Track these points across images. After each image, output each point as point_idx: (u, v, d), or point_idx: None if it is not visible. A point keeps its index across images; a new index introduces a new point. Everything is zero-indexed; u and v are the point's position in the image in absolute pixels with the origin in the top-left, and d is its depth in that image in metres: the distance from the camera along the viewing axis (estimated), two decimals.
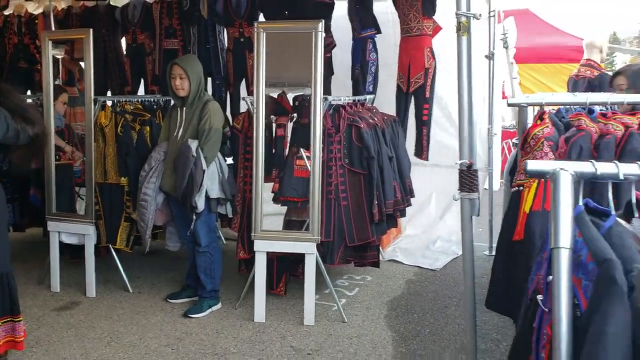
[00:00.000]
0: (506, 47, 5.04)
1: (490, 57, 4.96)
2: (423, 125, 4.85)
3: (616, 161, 1.06)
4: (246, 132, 4.08)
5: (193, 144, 3.82)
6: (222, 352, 3.46)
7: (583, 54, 5.09)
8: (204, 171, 3.80)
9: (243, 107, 4.69)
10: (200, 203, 3.80)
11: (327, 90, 5.00)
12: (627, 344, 0.85)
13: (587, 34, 5.33)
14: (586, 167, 1.06)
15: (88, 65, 4.24)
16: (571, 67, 6.86)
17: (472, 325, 2.57)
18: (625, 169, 1.05)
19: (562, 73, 8.08)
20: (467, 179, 2.60)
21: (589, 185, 1.76)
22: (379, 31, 4.95)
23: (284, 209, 4.24)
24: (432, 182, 5.57)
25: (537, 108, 2.53)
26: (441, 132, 5.34)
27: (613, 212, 1.08)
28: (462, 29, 2.54)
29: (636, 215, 1.07)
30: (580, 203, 1.09)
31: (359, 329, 3.84)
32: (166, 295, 4.36)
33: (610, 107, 2.31)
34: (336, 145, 3.99)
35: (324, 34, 3.84)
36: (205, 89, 5.25)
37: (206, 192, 3.84)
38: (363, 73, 4.88)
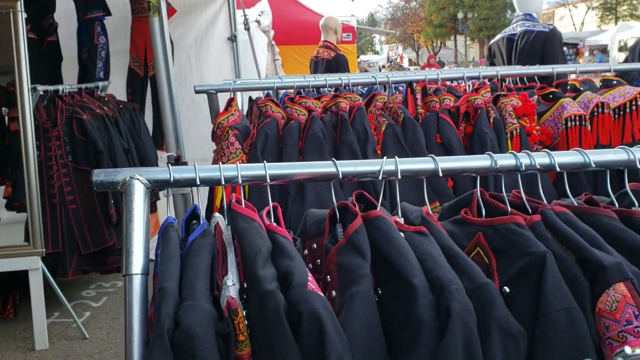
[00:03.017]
0: (247, 29, 4.96)
1: (232, 39, 4.84)
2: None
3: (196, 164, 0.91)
4: None
5: None
6: None
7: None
8: None
9: None
10: None
11: (58, 78, 4.45)
12: None
13: (325, 16, 5.50)
14: (161, 173, 0.90)
15: None
16: None
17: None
18: (202, 172, 0.90)
19: None
20: None
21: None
22: (108, 13, 4.51)
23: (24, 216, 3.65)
24: None
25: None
26: (183, 120, 5.10)
27: (202, 221, 0.94)
28: (153, 9, 2.30)
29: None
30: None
31: (102, 343, 3.48)
32: None
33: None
34: (55, 141, 3.50)
35: (25, 15, 3.30)
36: None
37: None
38: (92, 58, 4.41)
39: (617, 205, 1.00)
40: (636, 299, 0.79)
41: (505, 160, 0.96)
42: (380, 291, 0.90)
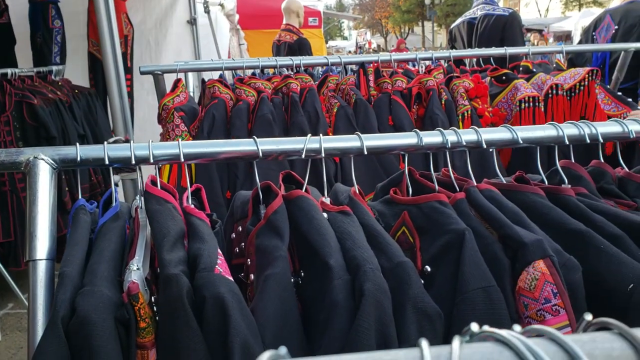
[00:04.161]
0: (207, 12, 4.85)
1: (192, 22, 4.73)
2: (127, 97, 4.46)
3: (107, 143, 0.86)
4: None
5: None
6: None
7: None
8: None
9: None
10: None
11: (11, 62, 4.30)
12: None
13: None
14: (68, 150, 0.85)
15: None
16: None
17: None
18: (112, 150, 0.85)
19: None
20: None
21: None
22: None
23: None
24: None
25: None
26: (143, 105, 4.99)
27: (115, 203, 0.89)
28: None
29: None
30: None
31: None
32: None
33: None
34: (3, 127, 3.38)
35: None
36: None
37: None
38: (47, 43, 4.27)
39: (546, 182, 0.99)
40: (555, 277, 0.77)
41: (431, 137, 0.93)
42: (302, 273, 0.87)
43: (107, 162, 0.85)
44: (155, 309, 0.76)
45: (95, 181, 3.88)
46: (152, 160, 0.86)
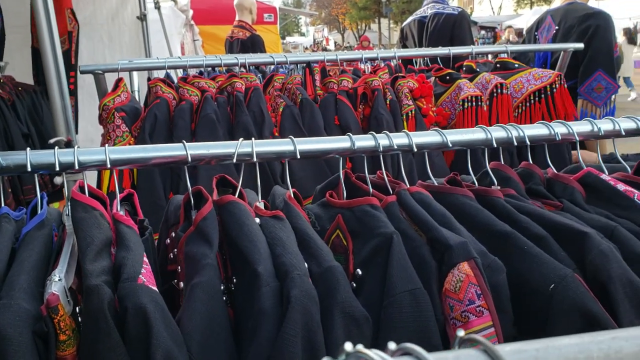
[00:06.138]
0: (158, 8, 4.76)
1: (142, 18, 4.63)
2: (70, 95, 4.33)
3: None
4: None
5: None
6: None
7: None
8: None
9: None
10: None
11: None
12: None
13: None
14: None
15: None
16: None
17: None
18: (35, 157, 0.83)
19: None
20: None
21: None
22: None
23: None
24: None
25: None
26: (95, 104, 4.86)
27: (42, 210, 0.87)
28: None
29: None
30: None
31: None
32: None
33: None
34: None
35: None
36: None
37: None
38: None
39: (476, 184, 1.01)
40: (479, 278, 0.79)
41: (363, 141, 0.94)
42: (234, 279, 0.87)
43: (29, 169, 0.82)
44: (80, 319, 0.74)
45: (42, 182, 3.75)
46: (77, 167, 0.84)
